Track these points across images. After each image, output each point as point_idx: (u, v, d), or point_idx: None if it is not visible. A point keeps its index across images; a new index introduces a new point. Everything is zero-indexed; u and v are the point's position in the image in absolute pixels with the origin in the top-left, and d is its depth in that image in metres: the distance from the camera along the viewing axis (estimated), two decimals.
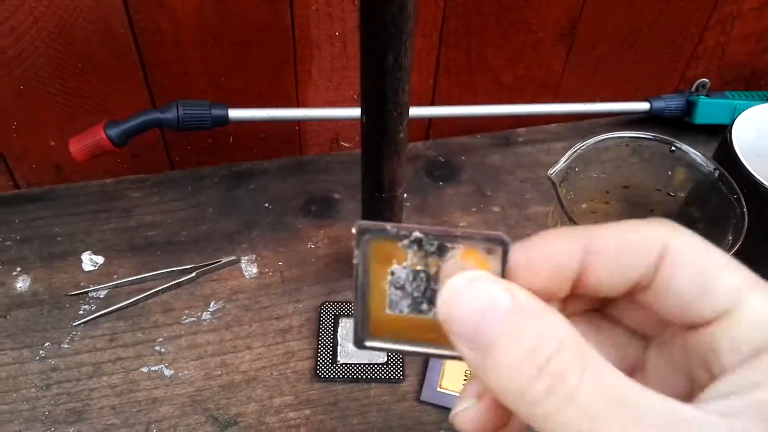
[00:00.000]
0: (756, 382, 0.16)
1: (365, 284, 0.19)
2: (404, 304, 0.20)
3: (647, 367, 0.21)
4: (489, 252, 0.18)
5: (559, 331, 0.16)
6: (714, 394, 0.16)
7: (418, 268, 0.19)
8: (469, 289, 0.17)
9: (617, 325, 0.21)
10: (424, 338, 0.20)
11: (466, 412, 0.20)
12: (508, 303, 0.17)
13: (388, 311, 0.20)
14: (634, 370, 0.21)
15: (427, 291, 0.19)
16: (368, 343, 0.20)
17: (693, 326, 0.18)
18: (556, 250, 0.18)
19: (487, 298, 0.17)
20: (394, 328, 0.20)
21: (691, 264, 0.17)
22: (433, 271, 0.19)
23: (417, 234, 0.19)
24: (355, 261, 0.19)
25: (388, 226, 0.19)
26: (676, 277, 0.17)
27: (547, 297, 0.18)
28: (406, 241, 0.19)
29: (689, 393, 0.19)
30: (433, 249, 0.19)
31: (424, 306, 0.19)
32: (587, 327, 0.21)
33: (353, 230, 0.19)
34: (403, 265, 0.19)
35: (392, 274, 0.19)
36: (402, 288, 0.19)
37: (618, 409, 0.15)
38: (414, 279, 0.19)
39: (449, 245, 0.19)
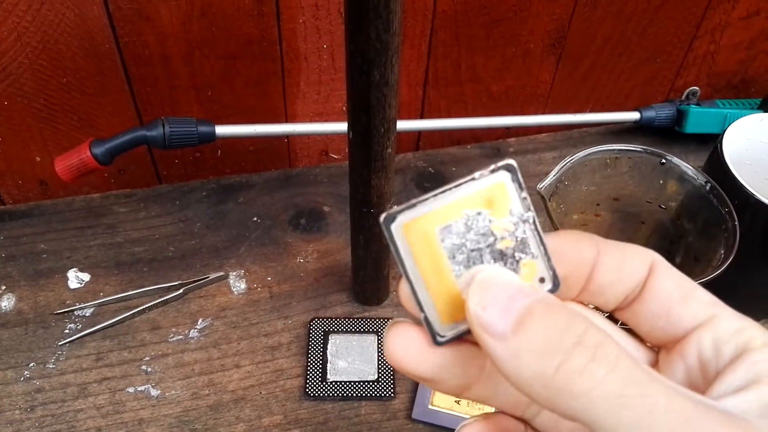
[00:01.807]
0: (749, 379, 0.17)
1: (415, 271, 0.18)
2: (464, 252, 0.18)
3: None
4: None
5: (583, 316, 0.17)
6: (716, 393, 0.17)
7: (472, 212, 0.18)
8: (501, 276, 0.18)
9: None
10: None
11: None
12: (534, 292, 0.17)
13: (450, 265, 0.18)
14: None
15: (487, 238, 0.18)
16: (449, 334, 0.18)
17: (675, 338, 0.19)
18: (580, 242, 0.19)
19: (515, 287, 0.17)
20: (459, 305, 0.18)
21: (675, 275, 0.19)
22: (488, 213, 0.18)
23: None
24: (397, 257, 0.17)
25: (414, 200, 0.17)
26: (663, 282, 0.19)
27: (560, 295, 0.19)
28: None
29: None
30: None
31: (487, 256, 0.18)
32: None
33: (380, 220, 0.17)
34: (453, 221, 0.18)
35: (447, 228, 0.18)
36: (459, 236, 0.18)
37: (658, 382, 0.15)
38: (470, 226, 0.18)
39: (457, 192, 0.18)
